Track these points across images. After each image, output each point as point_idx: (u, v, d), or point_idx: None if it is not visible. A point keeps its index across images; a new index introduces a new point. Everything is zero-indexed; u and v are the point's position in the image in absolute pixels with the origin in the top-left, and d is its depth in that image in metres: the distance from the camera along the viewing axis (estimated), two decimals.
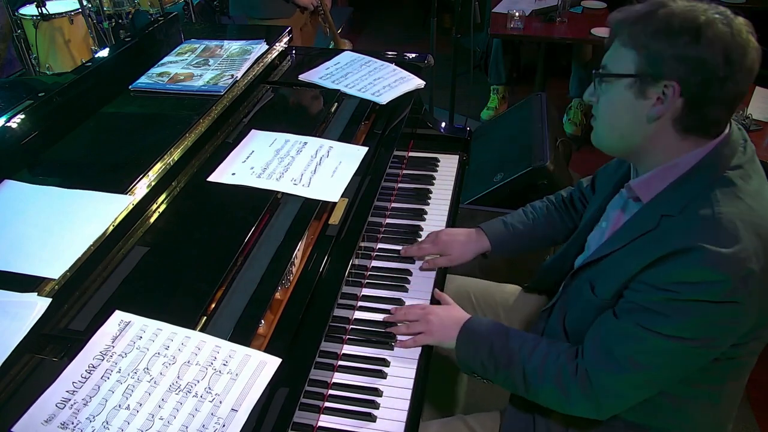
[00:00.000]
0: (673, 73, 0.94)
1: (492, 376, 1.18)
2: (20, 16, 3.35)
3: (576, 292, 1.16)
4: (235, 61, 1.71)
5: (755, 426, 2.07)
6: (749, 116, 2.42)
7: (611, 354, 1.02)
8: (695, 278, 0.92)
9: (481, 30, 3.99)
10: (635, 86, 0.99)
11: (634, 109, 1.00)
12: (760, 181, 1.01)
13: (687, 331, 0.96)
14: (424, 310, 1.28)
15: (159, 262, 1.10)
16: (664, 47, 0.94)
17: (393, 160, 1.59)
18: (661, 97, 0.97)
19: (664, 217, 0.99)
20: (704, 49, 0.92)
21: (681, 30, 0.93)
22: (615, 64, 1.02)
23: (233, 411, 0.85)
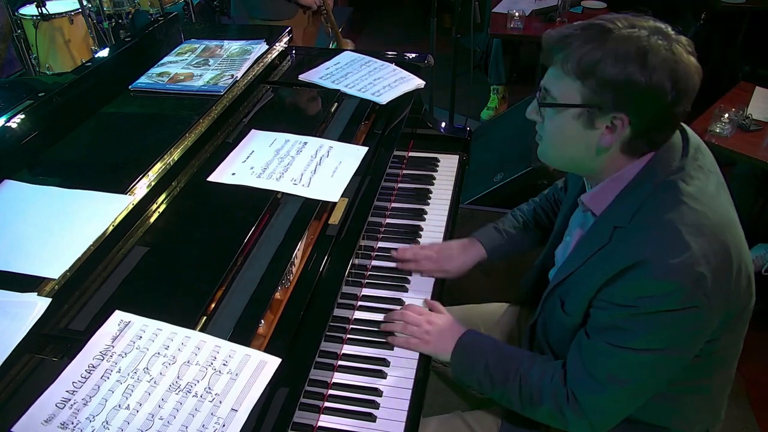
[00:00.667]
0: (621, 105, 0.94)
1: (488, 392, 1.19)
2: (20, 16, 3.35)
3: (551, 309, 1.16)
4: (235, 61, 1.71)
5: (755, 426, 2.07)
6: (749, 116, 2.42)
7: (592, 374, 1.03)
8: (650, 291, 0.93)
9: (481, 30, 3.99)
10: (583, 117, 0.98)
11: (582, 139, 1.00)
12: (704, 178, 1.01)
13: (656, 342, 0.97)
14: (423, 317, 1.27)
15: (159, 262, 1.10)
16: (610, 78, 0.92)
17: (393, 160, 1.59)
18: (611, 127, 0.97)
19: (616, 229, 1.00)
20: (652, 79, 0.90)
21: (627, 59, 0.91)
22: (559, 90, 0.99)
23: (233, 411, 0.85)
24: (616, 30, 0.93)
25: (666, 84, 0.91)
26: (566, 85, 0.97)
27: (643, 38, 0.91)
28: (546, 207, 1.50)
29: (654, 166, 1.00)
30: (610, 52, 0.92)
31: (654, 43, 0.91)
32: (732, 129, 2.36)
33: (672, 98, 0.92)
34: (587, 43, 0.94)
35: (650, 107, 0.93)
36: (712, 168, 1.06)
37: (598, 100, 0.95)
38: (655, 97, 0.92)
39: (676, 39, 0.93)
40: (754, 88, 2.68)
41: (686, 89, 0.92)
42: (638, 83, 0.91)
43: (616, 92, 0.93)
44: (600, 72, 0.93)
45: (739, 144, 2.34)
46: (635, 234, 0.97)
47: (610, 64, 0.91)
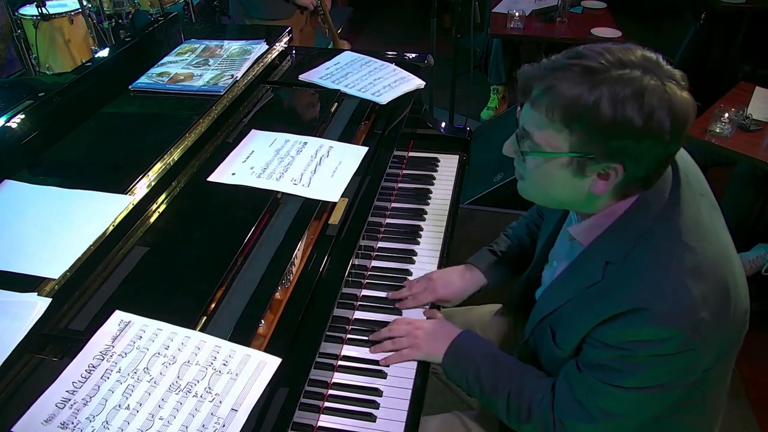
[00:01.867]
0: (615, 155, 0.87)
1: (477, 398, 1.18)
2: (20, 16, 3.35)
3: (541, 336, 1.13)
4: (235, 61, 1.71)
5: (755, 426, 2.07)
6: (749, 116, 2.42)
7: (582, 405, 1.01)
8: (647, 336, 0.90)
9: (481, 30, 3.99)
10: (572, 165, 0.90)
11: (571, 186, 0.93)
12: (696, 205, 0.96)
13: (648, 381, 0.94)
14: (411, 325, 1.25)
15: (159, 262, 1.10)
16: (603, 127, 0.84)
17: (393, 160, 1.59)
18: (603, 175, 0.90)
19: (608, 265, 0.96)
20: (650, 124, 0.83)
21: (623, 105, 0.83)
22: (543, 137, 0.91)
23: (233, 411, 0.85)
24: (605, 71, 0.84)
25: (665, 126, 0.84)
26: (552, 132, 0.89)
27: (637, 79, 0.83)
28: (538, 222, 1.45)
29: (646, 199, 0.95)
30: (603, 97, 0.83)
31: (648, 84, 0.83)
32: (732, 129, 2.36)
33: (670, 140, 0.86)
34: (575, 87, 0.85)
35: (648, 152, 0.87)
36: (704, 191, 1.02)
37: (589, 149, 0.87)
38: (654, 141, 0.85)
39: (670, 74, 0.86)
40: (754, 88, 2.68)
41: (684, 128, 0.86)
42: (635, 129, 0.84)
43: (609, 140, 0.85)
44: (592, 119, 0.84)
45: (739, 144, 2.34)
46: (631, 276, 0.92)
47: (605, 109, 0.83)
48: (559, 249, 1.18)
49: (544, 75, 0.88)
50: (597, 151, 0.88)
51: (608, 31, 3.36)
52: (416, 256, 1.51)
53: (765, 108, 2.51)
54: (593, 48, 0.88)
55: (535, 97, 0.90)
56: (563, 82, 0.86)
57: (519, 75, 0.93)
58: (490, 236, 1.52)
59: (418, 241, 1.56)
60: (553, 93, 0.87)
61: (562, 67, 0.87)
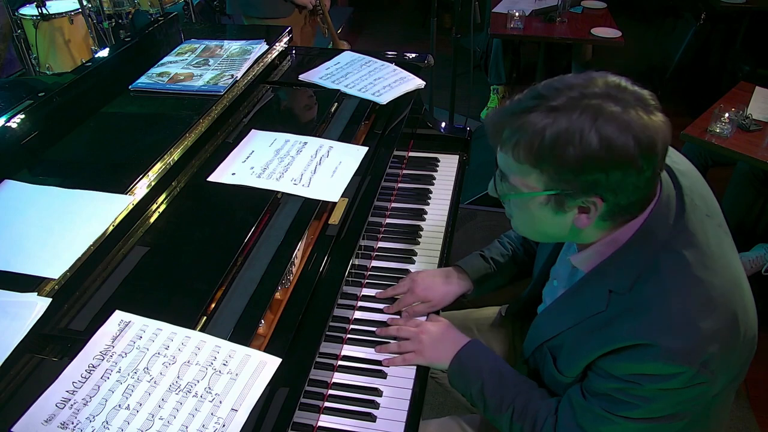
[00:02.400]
0: (590, 190, 0.85)
1: (480, 411, 1.17)
2: (20, 16, 3.35)
3: (541, 359, 1.12)
4: (235, 61, 1.71)
5: (755, 426, 2.07)
6: (749, 116, 2.42)
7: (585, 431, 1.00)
8: (653, 371, 0.88)
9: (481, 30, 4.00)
10: (551, 202, 0.90)
11: (555, 221, 0.92)
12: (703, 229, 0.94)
13: (655, 412, 0.93)
14: (418, 328, 1.25)
15: (159, 262, 1.10)
16: (568, 164, 0.83)
17: (393, 160, 1.59)
18: (584, 208, 0.89)
19: (612, 294, 0.94)
20: (612, 154, 0.81)
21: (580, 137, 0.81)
22: (517, 178, 0.91)
23: (233, 411, 0.85)
24: (562, 107, 0.83)
25: (631, 152, 0.81)
26: (523, 172, 0.89)
27: (596, 110, 0.82)
28: None
29: (651, 227, 0.92)
30: (561, 134, 0.82)
31: (607, 113, 0.81)
32: (732, 129, 2.36)
33: (641, 165, 0.83)
34: (535, 127, 0.84)
35: (622, 182, 0.84)
36: (710, 210, 0.98)
37: (563, 186, 0.87)
38: (624, 171, 0.83)
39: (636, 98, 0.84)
40: (754, 88, 2.68)
41: (653, 152, 0.83)
42: (600, 161, 0.82)
43: (579, 176, 0.84)
44: (556, 158, 0.83)
45: (739, 144, 2.34)
46: (638, 308, 0.90)
47: (565, 147, 0.82)
48: (560, 269, 1.15)
49: (507, 120, 0.88)
50: (570, 187, 0.87)
51: (608, 31, 3.36)
52: (416, 256, 1.51)
53: (765, 108, 2.51)
54: (553, 85, 0.87)
55: (503, 140, 0.90)
56: (525, 124, 0.86)
57: (485, 121, 0.93)
58: (490, 236, 1.51)
59: (418, 241, 1.56)
60: (516, 136, 0.87)
61: (523, 109, 0.87)
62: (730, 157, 2.36)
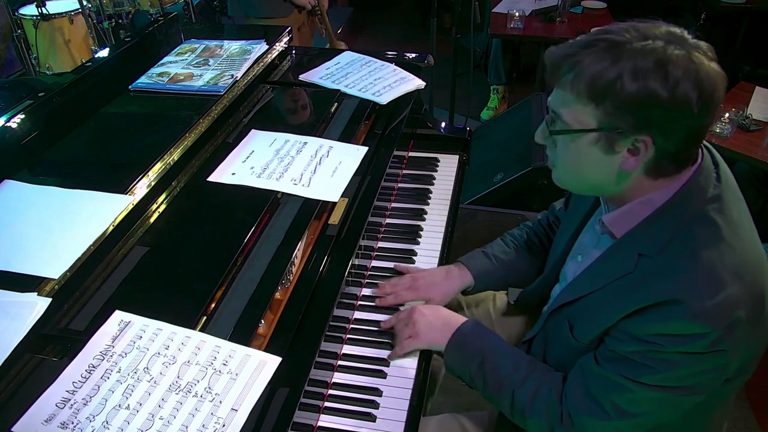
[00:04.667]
0: (644, 127, 0.86)
1: (479, 389, 1.15)
2: (20, 16, 3.35)
3: (555, 329, 1.10)
4: (235, 61, 1.71)
5: (755, 426, 2.07)
6: (749, 116, 2.42)
7: (596, 401, 0.98)
8: (678, 331, 0.87)
9: (481, 30, 4.00)
10: (601, 142, 0.90)
11: (602, 164, 0.92)
12: (738, 207, 0.95)
13: (672, 381, 0.92)
14: (410, 312, 1.24)
15: (159, 262, 1.10)
16: (629, 98, 0.84)
17: (393, 160, 1.59)
18: (633, 150, 0.90)
19: (641, 257, 0.93)
20: (675, 94, 0.83)
21: (645, 75, 0.83)
22: (571, 115, 0.91)
23: (233, 411, 0.85)
24: (628, 43, 0.85)
25: (691, 96, 0.83)
26: (579, 108, 0.90)
27: (660, 49, 0.83)
28: (540, 232, 1.43)
29: (689, 193, 0.92)
30: (626, 69, 0.84)
31: (672, 54, 0.83)
32: (732, 129, 2.36)
33: (698, 111, 0.84)
34: (598, 62, 0.86)
35: (676, 124, 0.85)
36: (738, 193, 0.99)
37: (617, 123, 0.87)
38: (681, 112, 0.84)
39: (695, 45, 0.85)
40: (754, 88, 2.69)
41: (712, 99, 0.84)
42: (661, 100, 0.83)
43: (636, 113, 0.85)
44: (617, 92, 0.85)
45: (739, 144, 2.34)
46: (667, 268, 0.90)
47: (628, 82, 0.84)
48: (586, 243, 1.15)
49: (570, 53, 0.89)
50: (624, 125, 0.87)
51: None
52: (416, 256, 1.51)
53: (765, 108, 2.52)
54: (619, 25, 0.89)
55: (562, 75, 0.91)
56: (587, 57, 0.87)
57: (546, 56, 0.93)
58: (489, 236, 1.51)
59: (418, 241, 1.56)
60: (578, 69, 0.88)
61: (586, 44, 0.88)
62: (730, 157, 2.36)
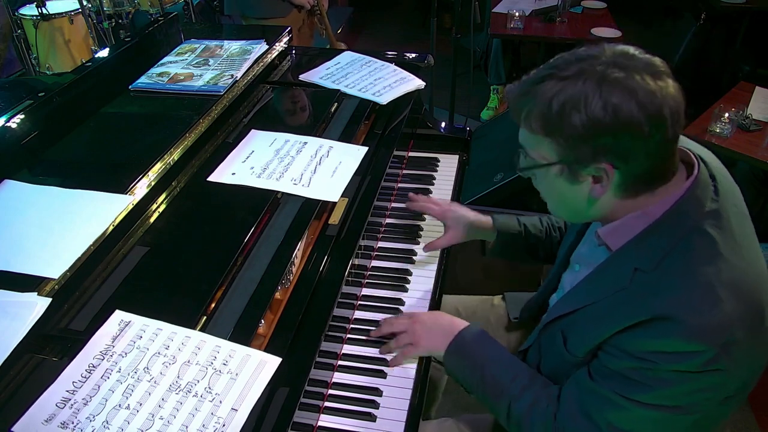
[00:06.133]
0: (600, 156, 0.86)
1: (477, 397, 1.15)
2: (20, 16, 3.35)
3: (549, 340, 1.08)
4: (235, 61, 1.71)
5: (755, 426, 2.07)
6: (749, 116, 2.42)
7: (590, 418, 0.96)
8: (672, 348, 0.85)
9: (481, 30, 4.00)
10: (565, 173, 0.92)
11: (572, 194, 0.94)
12: (739, 222, 0.93)
13: (667, 399, 0.89)
14: (410, 319, 1.23)
15: (159, 262, 1.10)
16: (576, 132, 0.85)
17: (393, 160, 1.59)
18: (597, 177, 0.90)
19: (637, 272, 0.91)
20: (618, 120, 0.83)
21: (587, 103, 0.83)
22: (533, 150, 0.94)
23: (233, 410, 0.85)
24: (571, 75, 0.86)
25: (637, 117, 0.82)
26: (538, 143, 0.92)
27: (598, 76, 0.84)
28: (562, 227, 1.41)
29: (685, 207, 0.90)
30: (567, 102, 0.85)
31: (610, 78, 0.83)
32: (732, 129, 2.36)
33: (649, 131, 0.83)
34: (544, 97, 0.87)
35: (631, 148, 0.85)
36: (742, 207, 0.97)
37: (575, 154, 0.88)
38: (631, 135, 0.83)
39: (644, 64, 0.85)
40: (754, 88, 2.69)
41: (660, 116, 0.83)
42: (607, 127, 0.83)
43: (588, 143, 0.86)
44: (564, 126, 0.86)
45: (739, 144, 2.34)
46: (663, 283, 0.88)
47: (572, 115, 0.84)
48: (584, 253, 1.13)
49: (522, 92, 0.91)
50: (581, 155, 0.88)
51: (608, 31, 3.35)
52: (416, 256, 1.51)
53: (765, 108, 2.51)
54: (564, 57, 0.90)
55: (520, 113, 0.93)
56: (536, 94, 0.88)
57: (506, 96, 0.95)
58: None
59: (417, 241, 1.56)
60: (528, 107, 0.90)
61: (535, 80, 0.89)
62: (730, 157, 2.36)
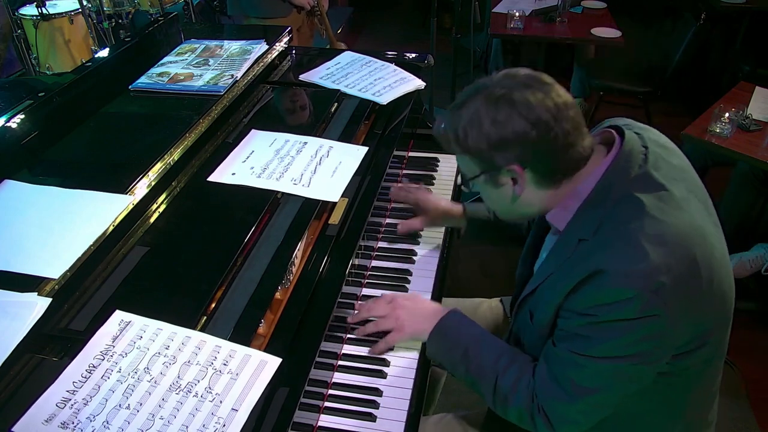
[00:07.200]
0: (505, 160, 0.99)
1: (460, 376, 1.16)
2: (20, 16, 3.35)
3: (522, 320, 1.15)
4: (235, 61, 1.71)
5: (755, 426, 2.07)
6: (749, 116, 2.42)
7: (557, 382, 1.02)
8: (608, 299, 0.93)
9: (481, 30, 3.99)
10: (489, 180, 1.05)
11: (501, 196, 1.06)
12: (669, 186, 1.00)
13: (615, 350, 0.96)
14: (391, 304, 1.24)
15: (159, 262, 1.11)
16: (479, 144, 0.99)
17: (393, 160, 1.59)
18: (513, 179, 1.02)
19: (580, 242, 1.00)
20: (505, 132, 0.96)
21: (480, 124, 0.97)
22: (464, 167, 1.08)
23: (233, 411, 0.86)
24: (466, 101, 1.00)
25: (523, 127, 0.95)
26: (463, 161, 1.06)
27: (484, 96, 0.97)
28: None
29: (611, 178, 1.00)
30: (464, 124, 0.99)
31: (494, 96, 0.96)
32: (732, 129, 2.36)
33: (538, 135, 0.95)
34: (450, 123, 1.02)
35: (530, 151, 0.97)
36: (679, 174, 1.04)
37: (486, 164, 1.01)
38: (523, 142, 0.96)
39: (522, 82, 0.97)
40: (754, 88, 2.68)
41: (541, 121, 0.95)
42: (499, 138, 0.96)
43: (492, 152, 0.99)
44: (469, 143, 1.00)
45: (739, 144, 2.34)
46: (597, 245, 0.97)
47: (468, 133, 0.99)
48: (547, 242, 1.20)
49: (447, 116, 1.05)
50: (492, 164, 1.00)
51: (608, 31, 3.35)
52: (416, 256, 1.51)
53: (765, 108, 2.51)
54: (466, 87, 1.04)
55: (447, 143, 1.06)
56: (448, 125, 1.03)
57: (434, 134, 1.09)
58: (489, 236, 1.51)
59: (418, 241, 1.56)
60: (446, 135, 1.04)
61: (454, 105, 1.03)
62: (730, 157, 2.36)
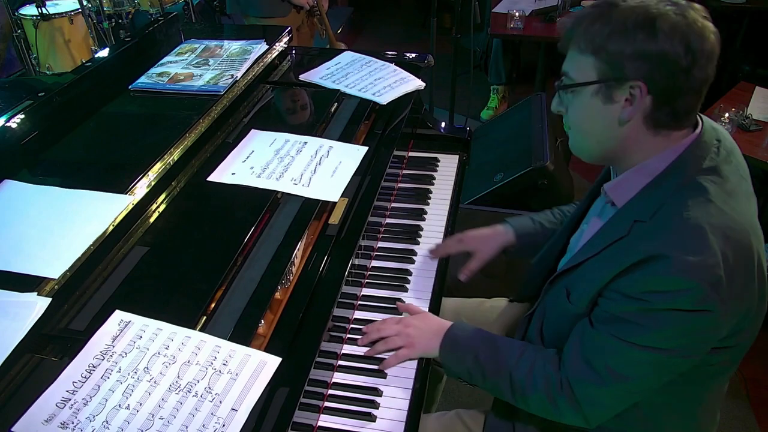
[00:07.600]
0: (636, 74, 0.94)
1: (479, 383, 1.16)
2: (20, 16, 3.35)
3: (553, 299, 1.13)
4: (235, 61, 1.71)
5: (755, 426, 2.07)
6: (749, 116, 2.42)
7: (591, 365, 1.00)
8: (666, 287, 0.91)
9: (481, 30, 4.00)
10: (601, 92, 0.98)
11: (604, 115, 1.00)
12: (736, 181, 0.99)
13: (662, 341, 0.94)
14: (401, 324, 1.24)
15: (159, 262, 1.10)
16: (621, 48, 0.94)
17: (393, 160, 1.59)
18: (629, 99, 0.96)
19: (636, 223, 0.98)
20: (662, 43, 0.91)
21: (636, 27, 0.92)
22: (576, 72, 1.01)
23: (233, 411, 0.85)
24: (623, 2, 0.95)
25: (678, 48, 0.90)
26: (582, 63, 0.99)
27: (651, 7, 0.92)
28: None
29: (684, 163, 0.98)
30: (617, 25, 0.93)
31: (663, 9, 0.92)
32: (732, 129, 2.36)
33: (687, 62, 0.91)
34: (596, 20, 0.96)
35: (665, 72, 0.92)
36: (745, 174, 1.04)
37: (613, 72, 0.96)
38: (669, 62, 0.91)
39: (689, 5, 0.94)
40: (754, 88, 2.68)
41: (701, 51, 0.91)
42: (648, 51, 0.91)
43: (628, 62, 0.93)
44: (611, 44, 0.94)
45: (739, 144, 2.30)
46: (656, 228, 0.95)
47: (618, 35, 0.93)
48: (591, 212, 1.19)
49: (576, 17, 1.00)
50: (619, 74, 0.95)
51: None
52: (416, 256, 1.51)
53: (765, 108, 2.51)
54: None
55: (570, 38, 1.01)
56: (587, 18, 0.97)
57: (558, 27, 1.05)
58: None
59: (418, 241, 1.56)
60: (579, 29, 0.98)
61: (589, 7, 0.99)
62: None
